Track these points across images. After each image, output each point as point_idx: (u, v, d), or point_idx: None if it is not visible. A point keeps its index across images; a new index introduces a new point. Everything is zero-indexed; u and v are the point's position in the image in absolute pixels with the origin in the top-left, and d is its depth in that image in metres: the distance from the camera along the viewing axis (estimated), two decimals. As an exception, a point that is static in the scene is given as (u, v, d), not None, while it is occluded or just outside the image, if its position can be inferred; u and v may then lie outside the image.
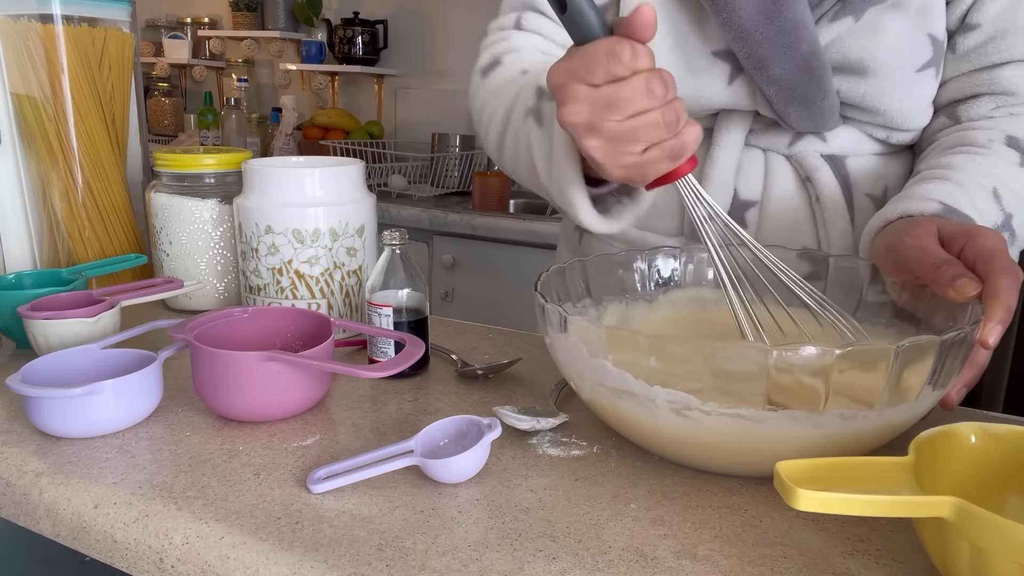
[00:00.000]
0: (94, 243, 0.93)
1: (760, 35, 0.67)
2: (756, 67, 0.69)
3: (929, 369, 0.47)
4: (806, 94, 0.69)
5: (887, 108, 0.71)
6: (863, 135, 0.75)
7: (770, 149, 0.76)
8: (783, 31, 0.67)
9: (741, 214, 0.76)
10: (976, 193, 0.63)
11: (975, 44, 0.71)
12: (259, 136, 2.88)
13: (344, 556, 0.44)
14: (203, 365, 0.60)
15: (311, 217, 0.77)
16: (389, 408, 0.65)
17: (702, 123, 0.77)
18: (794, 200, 0.75)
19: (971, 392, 0.58)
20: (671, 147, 0.52)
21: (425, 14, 2.73)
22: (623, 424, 0.55)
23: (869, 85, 0.70)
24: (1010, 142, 0.68)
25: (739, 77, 0.71)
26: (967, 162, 0.66)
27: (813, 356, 0.45)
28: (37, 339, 0.70)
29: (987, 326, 0.51)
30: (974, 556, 0.37)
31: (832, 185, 0.74)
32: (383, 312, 0.70)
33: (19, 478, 0.54)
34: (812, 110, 0.70)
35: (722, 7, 0.68)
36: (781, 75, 0.68)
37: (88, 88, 0.90)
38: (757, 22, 0.67)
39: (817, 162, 0.74)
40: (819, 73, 0.68)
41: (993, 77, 0.71)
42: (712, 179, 0.75)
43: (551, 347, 0.57)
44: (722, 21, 0.68)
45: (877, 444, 0.52)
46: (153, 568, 0.48)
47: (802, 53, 0.68)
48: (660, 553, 0.45)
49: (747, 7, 0.67)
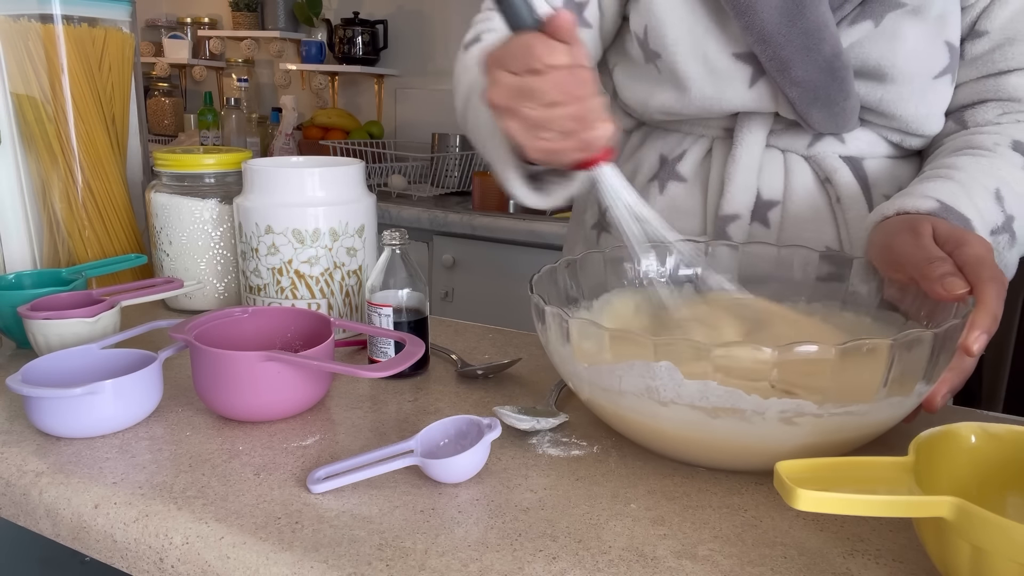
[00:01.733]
0: (94, 243, 0.93)
1: (783, 37, 0.68)
2: (779, 69, 0.69)
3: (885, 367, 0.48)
4: (829, 95, 0.69)
5: (903, 114, 0.72)
6: (879, 138, 0.75)
7: (789, 150, 0.76)
8: (806, 33, 0.67)
9: (764, 213, 0.76)
10: (977, 193, 0.64)
11: (983, 51, 0.72)
12: (259, 136, 2.88)
13: (344, 556, 0.44)
14: (203, 365, 0.60)
15: (311, 217, 0.77)
16: (389, 408, 0.65)
17: (720, 123, 0.77)
18: (815, 201, 0.76)
19: (971, 392, 0.58)
20: (582, 139, 0.56)
21: (425, 14, 2.73)
22: (622, 423, 0.55)
23: (887, 91, 0.70)
24: (1016, 147, 0.68)
25: (761, 79, 0.72)
26: (971, 163, 0.66)
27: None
28: (37, 339, 0.70)
29: (972, 334, 0.51)
30: (974, 556, 0.37)
31: (852, 186, 0.74)
32: (383, 312, 0.70)
33: (19, 478, 0.54)
34: (835, 111, 0.71)
35: (744, 10, 0.68)
36: (804, 77, 0.69)
37: (88, 88, 0.90)
38: (780, 24, 0.67)
39: (836, 163, 0.75)
40: (841, 74, 0.69)
41: (1000, 84, 0.72)
42: (735, 179, 0.75)
43: (546, 346, 0.57)
44: (744, 24, 0.69)
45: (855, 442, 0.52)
46: (153, 568, 0.48)
47: (824, 55, 0.68)
48: (660, 553, 0.45)
49: (769, 10, 0.67)
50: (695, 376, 0.48)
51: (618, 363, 0.50)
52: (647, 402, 0.50)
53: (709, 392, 0.48)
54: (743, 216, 0.76)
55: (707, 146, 0.79)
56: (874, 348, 0.47)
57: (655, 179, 0.81)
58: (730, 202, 0.76)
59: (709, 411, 0.48)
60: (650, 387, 0.49)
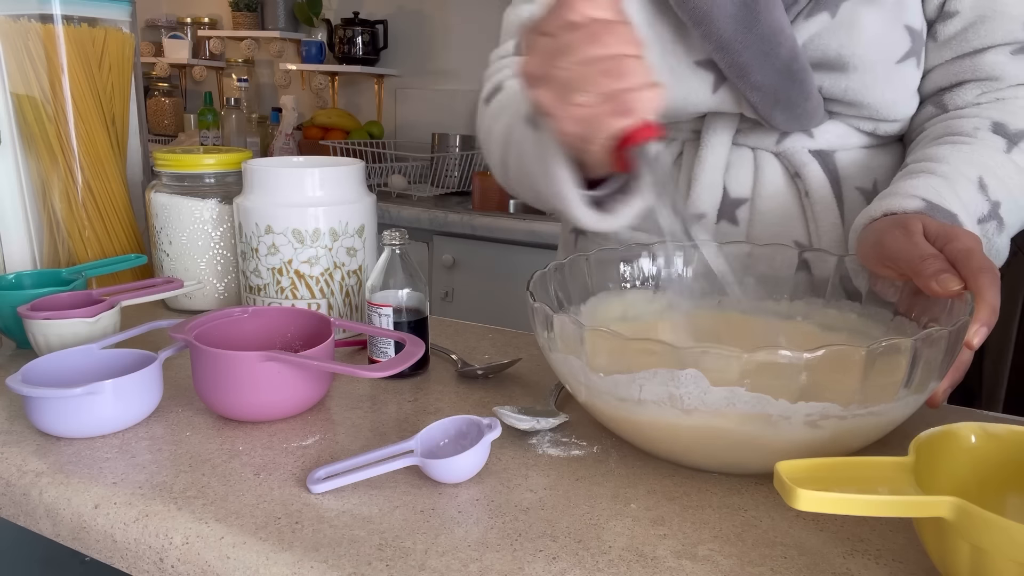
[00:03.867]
0: (94, 243, 0.93)
1: (740, 44, 0.68)
2: (738, 75, 0.70)
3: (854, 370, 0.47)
4: (789, 97, 0.70)
5: (870, 101, 0.72)
6: (850, 129, 0.75)
7: (758, 147, 0.76)
8: (762, 38, 0.68)
9: (732, 211, 0.76)
10: (961, 185, 0.64)
11: (955, 31, 0.71)
12: (259, 136, 2.88)
13: (344, 556, 0.44)
14: (203, 365, 0.60)
15: (311, 217, 0.77)
16: (389, 408, 0.65)
17: (690, 126, 0.77)
18: (784, 196, 0.76)
19: (971, 392, 0.58)
20: (621, 100, 0.51)
21: (425, 14, 2.73)
22: (618, 425, 0.55)
23: (850, 80, 0.70)
24: (996, 128, 0.68)
25: (723, 85, 0.72)
26: (953, 153, 0.66)
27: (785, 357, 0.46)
28: (37, 339, 0.70)
29: (972, 327, 0.51)
30: (974, 556, 0.37)
31: (820, 179, 0.74)
32: (383, 312, 0.70)
33: (19, 478, 0.54)
34: (796, 112, 0.71)
35: (700, 19, 0.69)
36: (763, 81, 0.69)
37: (88, 88, 0.90)
38: (736, 32, 0.68)
39: (805, 158, 0.75)
40: (800, 76, 0.69)
41: (976, 63, 0.71)
42: (701, 179, 0.76)
43: (543, 348, 0.57)
44: (702, 33, 0.69)
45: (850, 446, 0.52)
46: (153, 568, 0.48)
47: (782, 58, 0.68)
48: (660, 553, 0.45)
49: (725, 18, 0.68)
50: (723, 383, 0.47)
51: (639, 372, 0.49)
52: (669, 410, 0.49)
53: (736, 399, 0.47)
54: (709, 215, 0.76)
55: (678, 149, 0.80)
56: (898, 347, 0.46)
57: None
58: (695, 201, 0.76)
59: (734, 418, 0.48)
60: (673, 395, 0.48)
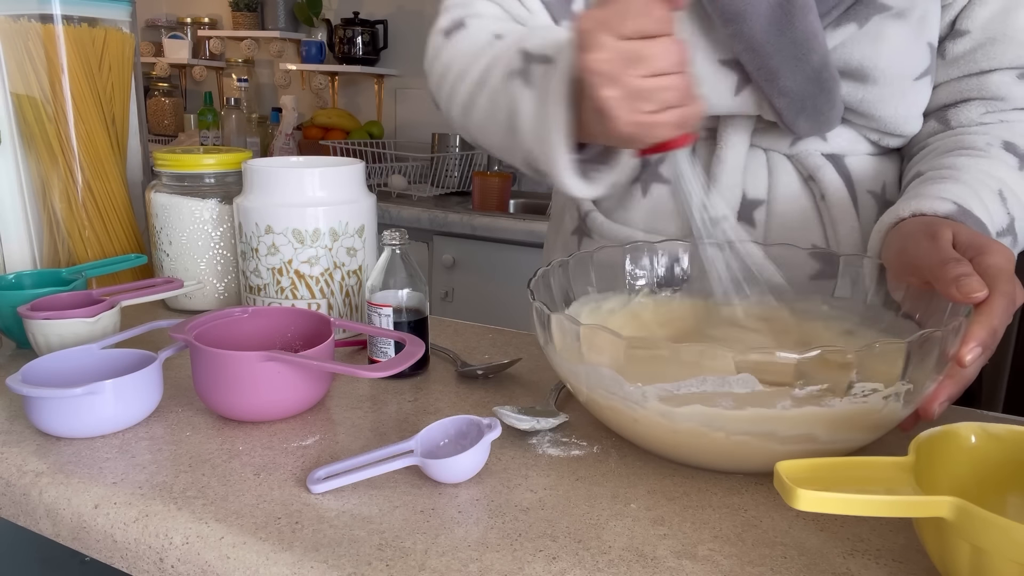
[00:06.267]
0: (94, 243, 0.93)
1: (772, 47, 0.67)
2: (767, 79, 0.68)
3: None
4: (816, 105, 0.69)
5: (883, 115, 0.71)
6: (859, 136, 0.75)
7: (772, 149, 0.76)
8: (795, 43, 0.67)
9: (749, 213, 0.76)
10: (985, 194, 0.63)
11: (964, 50, 0.71)
12: (259, 136, 2.88)
13: (344, 556, 0.44)
14: (203, 365, 0.60)
15: (311, 217, 0.77)
16: (389, 408, 0.65)
17: (704, 124, 0.77)
18: (799, 199, 0.75)
19: (971, 392, 0.58)
20: (681, 114, 0.54)
21: (425, 14, 2.72)
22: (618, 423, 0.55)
23: (868, 92, 0.70)
24: (1007, 147, 0.68)
25: (747, 88, 0.71)
26: (972, 164, 0.66)
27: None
28: (37, 339, 0.70)
29: (967, 345, 0.49)
30: (974, 556, 0.37)
31: (836, 183, 0.74)
32: (383, 312, 0.70)
33: (19, 478, 0.54)
34: (820, 120, 0.70)
35: (732, 18, 0.67)
36: (792, 87, 0.68)
37: (88, 88, 0.90)
38: (768, 33, 0.67)
39: (819, 161, 0.74)
40: (829, 84, 0.68)
41: (982, 83, 0.71)
42: (721, 179, 0.75)
43: (545, 347, 0.57)
44: (732, 32, 0.68)
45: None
46: (153, 568, 0.48)
47: (813, 65, 0.67)
48: (660, 553, 0.45)
49: (758, 19, 0.66)
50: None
51: (685, 379, 0.48)
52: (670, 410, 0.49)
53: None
54: (730, 216, 0.75)
55: (689, 147, 0.79)
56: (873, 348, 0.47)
57: (638, 181, 0.80)
58: (715, 202, 0.75)
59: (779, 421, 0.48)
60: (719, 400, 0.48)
